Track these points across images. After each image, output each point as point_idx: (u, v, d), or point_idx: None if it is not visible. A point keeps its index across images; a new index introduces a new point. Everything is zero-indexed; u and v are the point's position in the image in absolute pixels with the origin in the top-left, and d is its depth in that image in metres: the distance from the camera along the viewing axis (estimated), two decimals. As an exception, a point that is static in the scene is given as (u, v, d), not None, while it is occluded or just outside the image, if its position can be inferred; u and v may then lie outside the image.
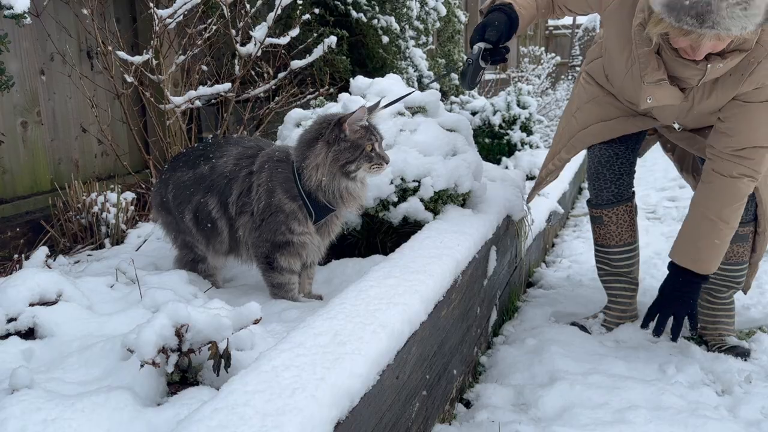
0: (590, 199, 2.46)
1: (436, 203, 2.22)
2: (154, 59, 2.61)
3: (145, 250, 2.43)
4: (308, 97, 3.34)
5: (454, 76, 6.23)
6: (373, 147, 1.83)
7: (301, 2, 3.01)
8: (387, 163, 1.87)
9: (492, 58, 2.02)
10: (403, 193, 2.20)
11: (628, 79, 2.06)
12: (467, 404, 2.03)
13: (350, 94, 2.42)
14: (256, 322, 1.26)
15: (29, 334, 1.52)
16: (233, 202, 1.92)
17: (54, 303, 1.56)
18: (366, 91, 2.42)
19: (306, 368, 1.14)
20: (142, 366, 1.17)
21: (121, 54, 2.51)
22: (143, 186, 2.97)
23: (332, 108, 2.39)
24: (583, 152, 5.69)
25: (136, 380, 1.21)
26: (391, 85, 2.41)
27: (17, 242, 2.57)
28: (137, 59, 2.53)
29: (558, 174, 2.54)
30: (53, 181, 2.97)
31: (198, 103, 2.81)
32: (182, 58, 2.69)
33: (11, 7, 1.87)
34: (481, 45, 1.99)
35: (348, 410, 1.13)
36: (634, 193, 2.45)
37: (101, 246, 2.51)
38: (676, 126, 2.19)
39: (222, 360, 1.24)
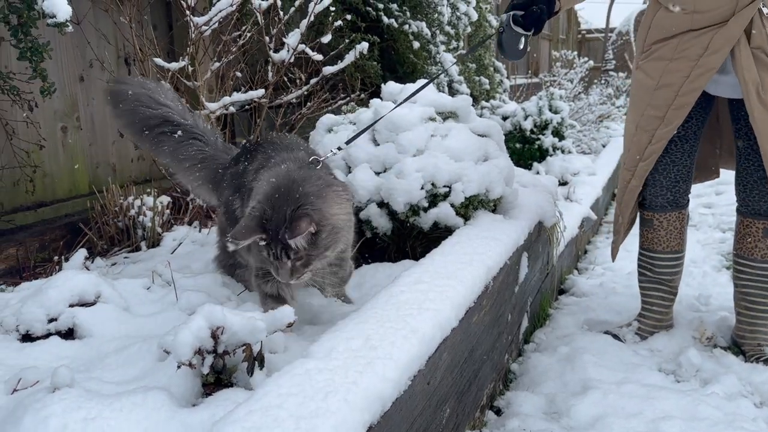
0: (643, 201, 2.41)
1: (467, 209, 2.21)
2: (190, 66, 2.66)
3: (180, 253, 2.47)
4: (339, 102, 3.37)
5: (485, 80, 6.21)
6: None
7: (333, 9, 3.04)
8: None
9: (526, 22, 1.98)
10: (434, 199, 2.19)
11: None
12: (498, 412, 2.02)
13: (381, 99, 2.44)
14: (290, 325, 1.28)
15: (68, 334, 1.56)
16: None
17: (93, 304, 1.60)
18: (397, 97, 2.43)
19: (338, 372, 1.15)
20: (178, 367, 1.19)
21: (158, 61, 2.57)
22: (178, 190, 3.02)
23: (364, 113, 2.40)
24: (615, 157, 5.58)
25: (172, 381, 1.23)
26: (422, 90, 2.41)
27: (57, 244, 2.64)
28: (173, 66, 2.58)
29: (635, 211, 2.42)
30: (91, 184, 3.04)
31: (232, 109, 2.86)
32: (217, 64, 2.74)
33: (54, 16, 1.93)
34: (511, 13, 1.98)
35: (380, 415, 1.13)
36: (689, 201, 2.39)
37: (137, 249, 2.57)
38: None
39: (255, 362, 1.25)
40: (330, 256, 1.67)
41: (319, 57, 2.85)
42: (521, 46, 2.01)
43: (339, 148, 1.93)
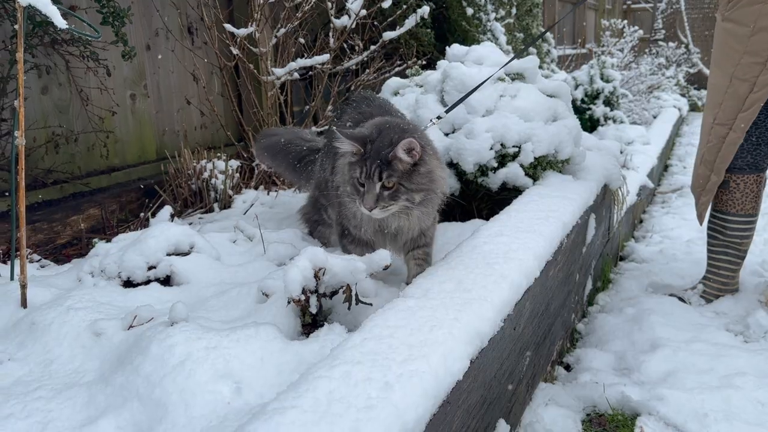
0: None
1: (536, 169, 2.23)
2: (257, 32, 2.71)
3: (251, 214, 2.55)
4: (396, 69, 3.39)
5: (532, 50, 6.13)
6: None
7: (393, -26, 3.05)
8: None
9: None
10: (503, 159, 2.21)
11: None
12: (567, 367, 2.05)
13: (449, 61, 2.45)
14: (386, 267, 1.33)
15: (166, 282, 1.65)
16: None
17: (187, 254, 1.68)
18: (463, 58, 2.44)
19: (438, 309, 1.20)
20: (288, 303, 1.26)
21: (229, 26, 2.62)
22: (243, 155, 3.10)
23: (431, 75, 2.43)
24: (668, 127, 5.45)
25: (276, 320, 1.30)
26: (489, 52, 2.42)
27: (133, 205, 2.75)
28: (242, 32, 2.64)
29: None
30: (158, 150, 3.15)
31: (296, 75, 2.90)
32: (282, 30, 2.78)
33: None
34: None
35: (478, 350, 1.18)
36: None
37: (210, 210, 2.66)
38: None
39: (352, 298, 1.32)
40: (416, 201, 1.51)
41: (385, 40, 2.86)
42: None
43: (439, 117, 1.95)
